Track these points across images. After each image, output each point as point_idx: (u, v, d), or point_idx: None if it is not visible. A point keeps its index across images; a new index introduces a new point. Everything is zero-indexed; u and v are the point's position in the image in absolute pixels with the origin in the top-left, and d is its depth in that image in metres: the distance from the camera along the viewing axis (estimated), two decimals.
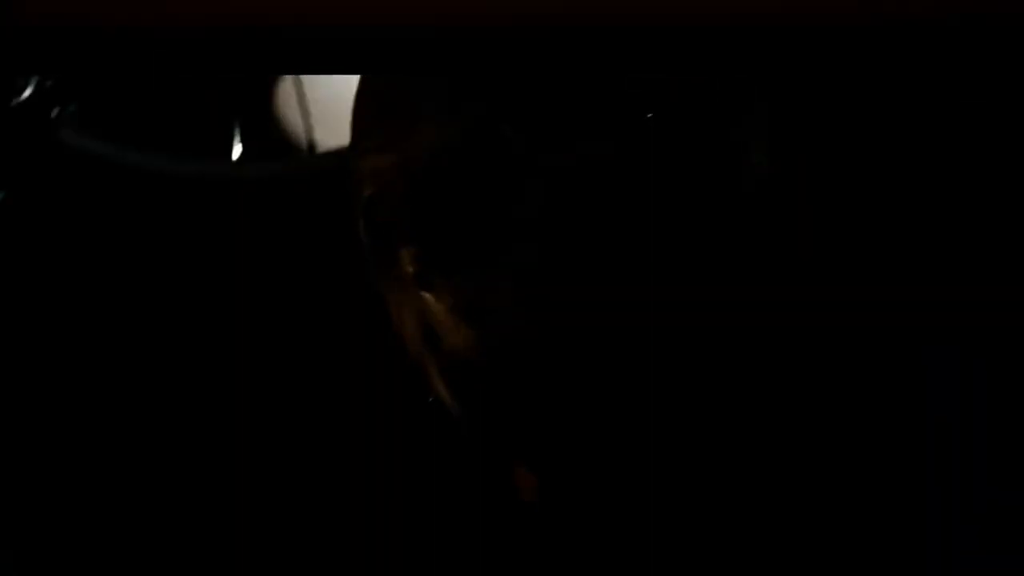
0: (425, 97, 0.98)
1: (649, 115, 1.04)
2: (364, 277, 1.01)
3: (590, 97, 1.04)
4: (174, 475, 1.26)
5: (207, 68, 1.23)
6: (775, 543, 0.98)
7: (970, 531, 0.98)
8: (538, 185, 0.97)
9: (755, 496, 0.99)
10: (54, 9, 0.99)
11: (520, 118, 1.00)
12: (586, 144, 1.01)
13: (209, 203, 1.31)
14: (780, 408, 1.01)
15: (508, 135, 0.98)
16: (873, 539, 0.99)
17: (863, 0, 1.02)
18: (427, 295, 0.96)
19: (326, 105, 1.37)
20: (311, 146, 1.41)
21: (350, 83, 1.04)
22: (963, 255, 1.04)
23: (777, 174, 1.05)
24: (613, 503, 0.98)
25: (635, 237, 0.99)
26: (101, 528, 1.24)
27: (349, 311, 1.23)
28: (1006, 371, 1.01)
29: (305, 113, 1.40)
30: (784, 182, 1.05)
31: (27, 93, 1.26)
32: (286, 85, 1.39)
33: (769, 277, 1.02)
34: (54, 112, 1.28)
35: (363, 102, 1.03)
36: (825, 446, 1.00)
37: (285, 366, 1.28)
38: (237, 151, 1.33)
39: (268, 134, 1.39)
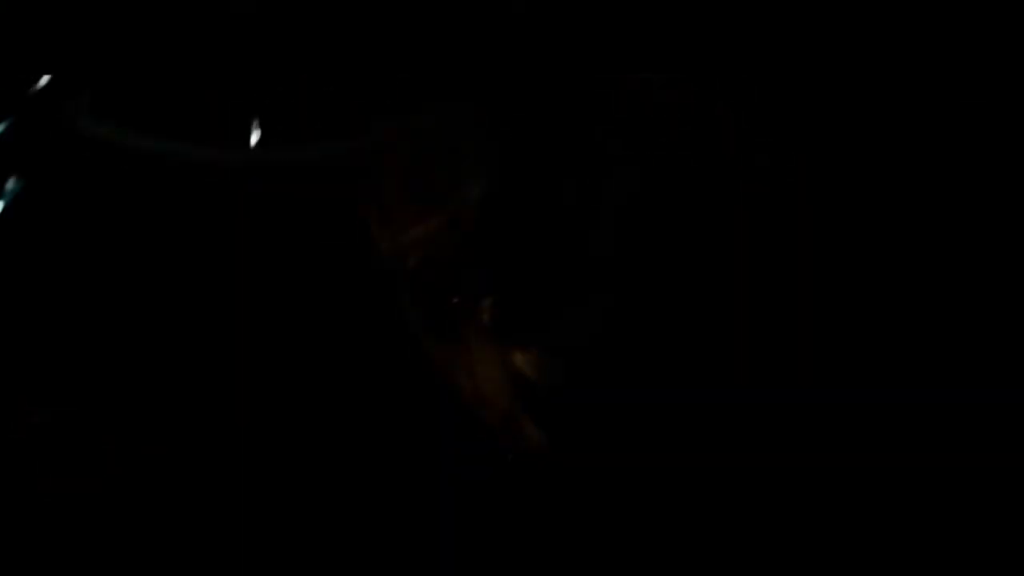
0: (458, 153, 0.97)
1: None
2: (408, 345, 1.00)
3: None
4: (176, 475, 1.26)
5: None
6: None
7: None
8: (606, 211, 0.97)
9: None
10: None
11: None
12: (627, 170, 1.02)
13: (220, 194, 1.31)
14: None
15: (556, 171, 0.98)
16: None
17: None
18: (511, 347, 0.95)
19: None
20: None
21: None
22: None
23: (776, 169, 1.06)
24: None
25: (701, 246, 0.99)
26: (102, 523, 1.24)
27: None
28: None
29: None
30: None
31: (41, 82, 1.26)
32: None
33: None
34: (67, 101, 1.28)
35: (387, 178, 1.02)
36: None
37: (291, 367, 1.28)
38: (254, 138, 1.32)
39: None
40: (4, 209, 1.27)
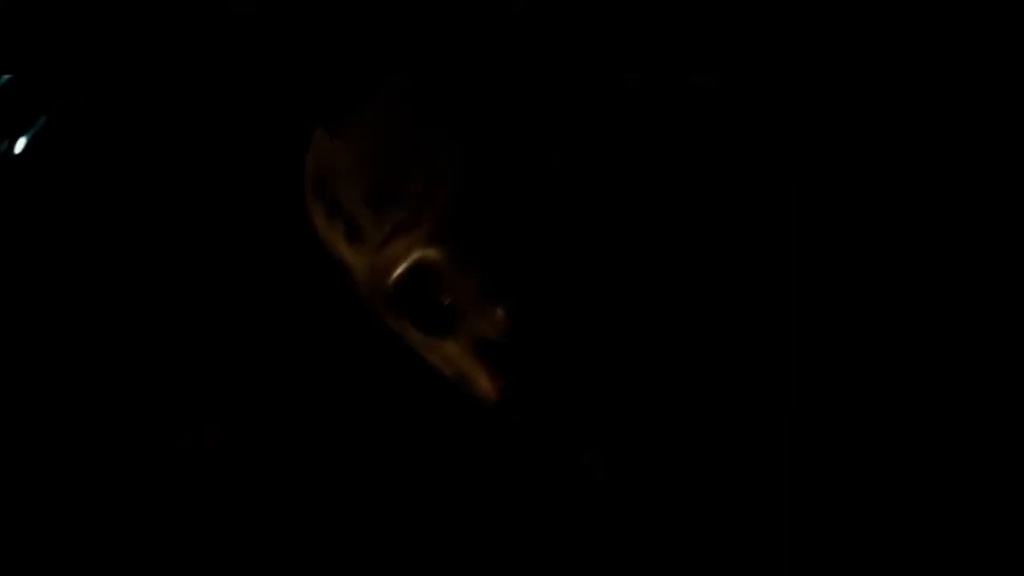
0: (429, 151, 0.95)
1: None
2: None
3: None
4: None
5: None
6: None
7: None
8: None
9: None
10: None
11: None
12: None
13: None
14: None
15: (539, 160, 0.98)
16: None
17: None
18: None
19: None
20: None
21: None
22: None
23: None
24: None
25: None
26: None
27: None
28: None
29: None
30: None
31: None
32: None
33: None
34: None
35: (345, 187, 0.98)
36: None
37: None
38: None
39: None
40: (27, 145, 1.27)
